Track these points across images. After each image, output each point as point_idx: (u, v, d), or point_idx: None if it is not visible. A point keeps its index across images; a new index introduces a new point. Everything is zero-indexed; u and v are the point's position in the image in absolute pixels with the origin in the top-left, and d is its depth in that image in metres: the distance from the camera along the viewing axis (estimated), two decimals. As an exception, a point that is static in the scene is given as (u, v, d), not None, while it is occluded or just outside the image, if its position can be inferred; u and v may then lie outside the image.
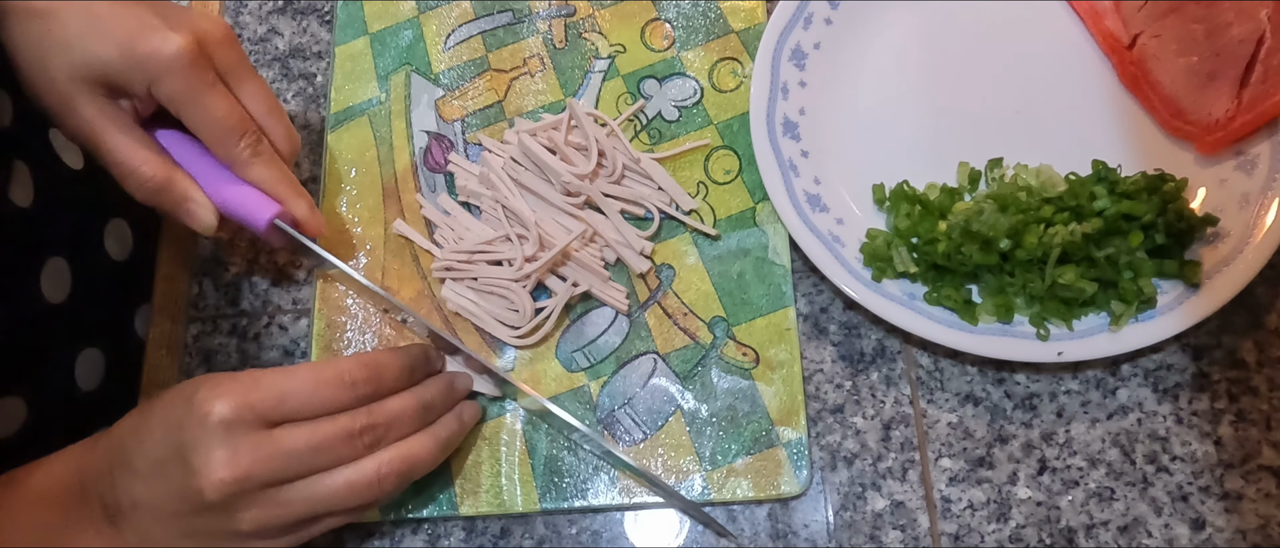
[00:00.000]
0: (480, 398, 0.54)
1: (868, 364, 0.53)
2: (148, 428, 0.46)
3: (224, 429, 0.44)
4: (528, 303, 0.55)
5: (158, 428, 0.46)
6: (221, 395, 0.45)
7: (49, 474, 0.48)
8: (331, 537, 0.53)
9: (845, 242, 0.54)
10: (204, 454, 0.44)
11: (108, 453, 0.47)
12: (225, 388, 0.45)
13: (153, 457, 0.45)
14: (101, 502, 0.46)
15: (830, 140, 0.57)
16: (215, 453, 0.44)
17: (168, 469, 0.45)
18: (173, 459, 0.45)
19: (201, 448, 0.44)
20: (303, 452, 0.45)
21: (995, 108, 0.56)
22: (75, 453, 0.48)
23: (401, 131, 0.62)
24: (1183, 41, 0.54)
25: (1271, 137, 0.52)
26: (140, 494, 0.46)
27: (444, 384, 0.51)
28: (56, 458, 0.49)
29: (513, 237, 0.56)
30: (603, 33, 0.63)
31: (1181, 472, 0.49)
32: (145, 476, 0.45)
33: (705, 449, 0.52)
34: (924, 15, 0.59)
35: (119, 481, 0.46)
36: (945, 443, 0.51)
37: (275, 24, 0.67)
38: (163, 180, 0.52)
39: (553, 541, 0.52)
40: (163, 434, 0.45)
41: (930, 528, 0.50)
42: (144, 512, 0.46)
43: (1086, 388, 0.51)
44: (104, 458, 0.47)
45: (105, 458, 0.47)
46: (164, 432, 0.45)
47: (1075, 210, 0.50)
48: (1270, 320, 0.52)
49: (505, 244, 0.56)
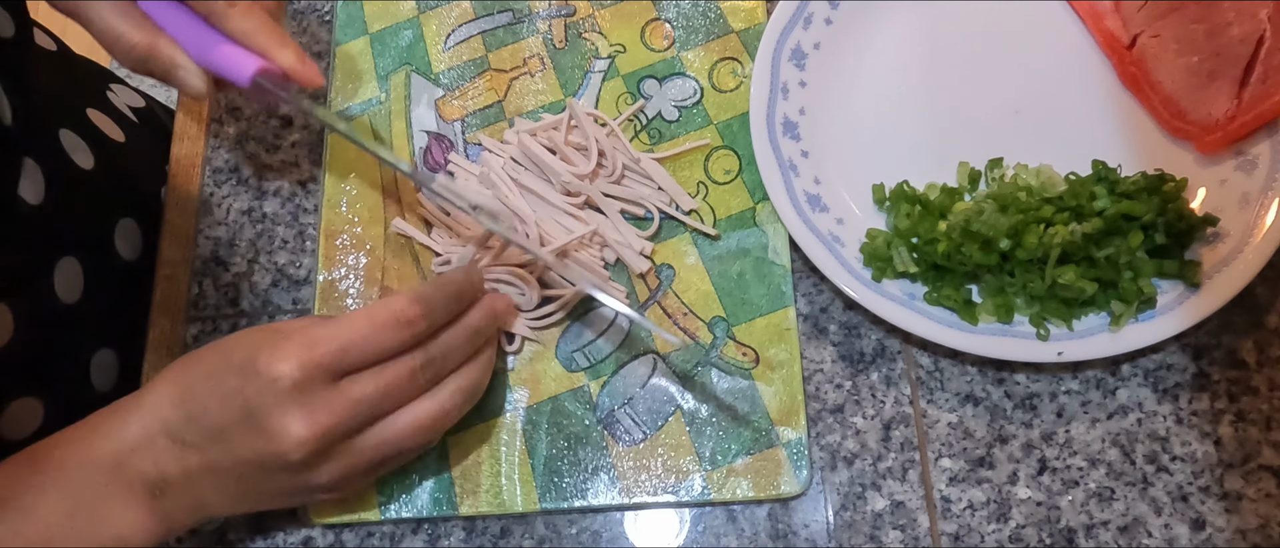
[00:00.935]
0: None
1: (868, 364, 0.53)
2: (195, 398, 0.46)
3: (295, 390, 0.44)
4: (534, 287, 0.54)
5: (210, 397, 0.45)
6: (286, 357, 0.44)
7: (76, 452, 0.47)
8: (332, 537, 0.53)
9: (845, 242, 0.54)
10: (280, 418, 0.44)
11: (144, 428, 0.46)
12: (285, 349, 0.45)
13: (212, 425, 0.45)
14: (141, 477, 0.46)
15: (830, 140, 0.57)
16: (291, 415, 0.44)
17: (234, 436, 0.45)
18: (240, 426, 0.44)
19: (276, 412, 0.44)
20: (373, 399, 0.46)
21: (995, 108, 0.56)
22: (100, 428, 0.47)
23: (401, 132, 0.62)
24: (1183, 41, 0.54)
25: (1271, 137, 0.52)
26: (195, 463, 0.45)
27: (487, 309, 0.51)
28: (78, 435, 0.47)
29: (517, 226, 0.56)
30: (603, 33, 0.63)
31: (1181, 472, 0.49)
32: (202, 445, 0.45)
33: (705, 449, 0.52)
34: (924, 15, 0.59)
35: (164, 453, 0.45)
36: (945, 443, 0.51)
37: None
38: (147, 48, 0.51)
39: (553, 541, 0.52)
40: (220, 402, 0.45)
41: (930, 528, 0.50)
42: (200, 480, 0.45)
43: (1086, 388, 0.51)
44: (141, 433, 0.46)
45: (142, 433, 0.46)
46: (221, 400, 0.45)
47: (1075, 210, 0.50)
48: (1270, 320, 0.52)
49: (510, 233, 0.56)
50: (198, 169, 0.63)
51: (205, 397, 0.46)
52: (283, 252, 0.60)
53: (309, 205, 0.61)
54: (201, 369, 0.47)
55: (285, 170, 0.62)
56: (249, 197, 0.62)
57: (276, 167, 0.63)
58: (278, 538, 0.53)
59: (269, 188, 0.62)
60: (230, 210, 0.62)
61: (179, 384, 0.47)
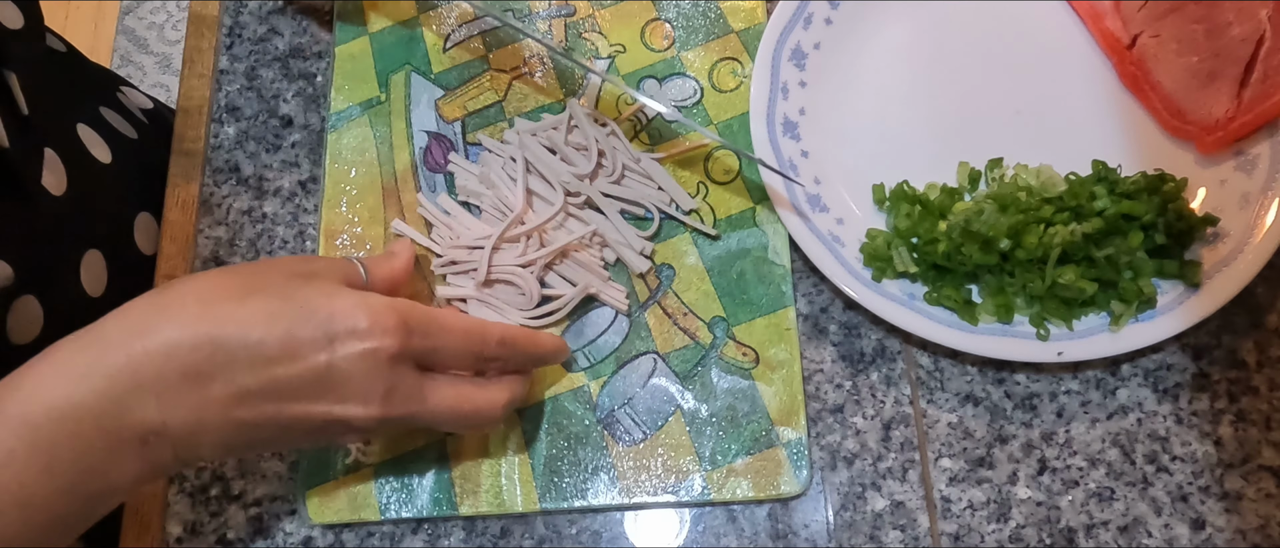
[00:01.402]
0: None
1: (868, 364, 0.53)
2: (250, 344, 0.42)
3: (390, 367, 0.44)
4: (535, 286, 0.54)
5: (274, 344, 0.43)
6: (388, 331, 0.44)
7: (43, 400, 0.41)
8: (332, 537, 0.53)
9: (845, 242, 0.54)
10: (365, 386, 0.44)
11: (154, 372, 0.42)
12: (388, 322, 0.44)
13: (272, 379, 0.43)
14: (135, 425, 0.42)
15: (830, 140, 0.57)
16: (376, 388, 0.44)
17: (300, 393, 0.43)
18: (314, 384, 0.43)
19: (364, 380, 0.44)
20: (442, 413, 0.46)
21: (995, 108, 0.56)
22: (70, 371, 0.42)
23: (401, 131, 0.62)
24: (1183, 41, 0.54)
25: (1271, 137, 0.52)
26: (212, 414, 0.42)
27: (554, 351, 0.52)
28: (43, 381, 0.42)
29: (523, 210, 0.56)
30: (603, 33, 0.63)
31: (1181, 472, 0.49)
32: (241, 396, 0.42)
33: (705, 449, 0.52)
34: (924, 15, 0.59)
35: (174, 400, 0.42)
36: (945, 443, 0.51)
37: (275, 24, 0.67)
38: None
39: (553, 541, 0.52)
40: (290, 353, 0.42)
41: (930, 528, 0.50)
42: (210, 429, 0.43)
43: (1086, 388, 0.51)
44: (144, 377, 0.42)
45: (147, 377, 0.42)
46: (292, 350, 0.43)
47: (1075, 210, 0.50)
48: (1270, 320, 0.52)
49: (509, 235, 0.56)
50: (198, 169, 0.63)
51: (264, 341, 0.42)
52: (283, 252, 0.60)
53: (309, 205, 0.61)
54: (256, 310, 0.43)
55: (285, 170, 0.62)
56: (249, 197, 0.62)
57: (276, 167, 0.63)
58: (278, 538, 0.53)
59: (269, 188, 0.62)
60: (230, 210, 0.62)
61: (216, 323, 0.42)
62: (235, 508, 0.54)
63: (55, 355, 0.42)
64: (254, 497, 0.54)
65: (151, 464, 0.43)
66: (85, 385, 0.41)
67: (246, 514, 0.54)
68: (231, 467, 0.55)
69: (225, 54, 0.66)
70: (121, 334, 0.42)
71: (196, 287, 0.44)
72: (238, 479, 0.55)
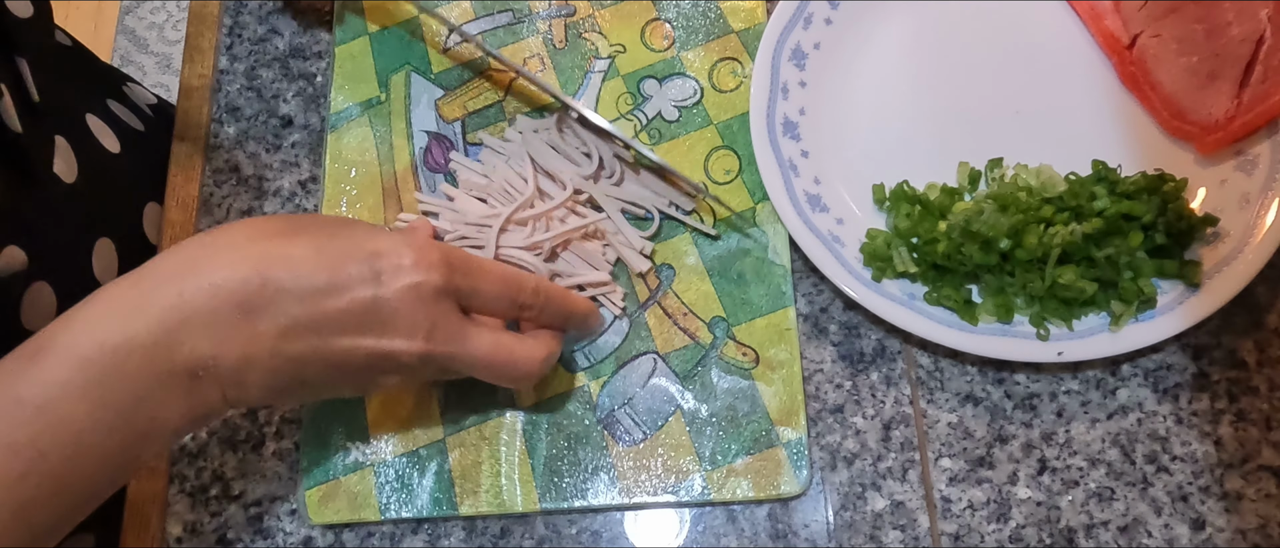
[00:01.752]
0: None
1: (868, 364, 0.53)
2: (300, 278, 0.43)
3: (433, 302, 0.44)
4: (542, 270, 0.54)
5: (320, 280, 0.43)
6: (433, 266, 0.44)
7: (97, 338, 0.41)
8: (332, 537, 0.53)
9: (845, 242, 0.54)
10: (410, 321, 0.44)
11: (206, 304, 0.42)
12: (432, 257, 0.45)
13: (318, 312, 0.43)
14: (186, 360, 0.42)
15: (830, 140, 0.57)
16: (420, 323, 0.44)
17: (347, 328, 0.43)
18: (360, 319, 0.43)
19: (409, 314, 0.44)
20: (481, 357, 0.47)
21: (995, 108, 0.56)
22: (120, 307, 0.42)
23: (401, 131, 0.62)
24: (1183, 41, 0.54)
25: (1271, 137, 0.52)
26: (262, 349, 0.43)
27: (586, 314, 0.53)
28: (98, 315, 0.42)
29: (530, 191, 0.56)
30: (603, 33, 0.63)
31: (1181, 472, 0.49)
32: (289, 330, 0.43)
33: (705, 449, 0.52)
34: (924, 15, 0.59)
35: (225, 334, 0.42)
36: (945, 443, 0.51)
37: (275, 24, 0.67)
38: None
39: (553, 541, 0.52)
40: (337, 288, 0.43)
41: (930, 528, 0.50)
42: (257, 366, 0.43)
43: (1086, 388, 0.51)
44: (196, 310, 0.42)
45: (199, 310, 0.42)
46: (339, 286, 0.43)
47: (1075, 210, 0.50)
48: (1270, 320, 0.52)
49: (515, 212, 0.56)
50: (198, 168, 0.63)
51: (313, 276, 0.43)
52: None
53: (309, 205, 0.61)
54: (304, 248, 0.43)
55: (285, 170, 0.62)
56: (249, 197, 0.62)
57: (276, 166, 0.63)
58: (278, 538, 0.53)
59: (269, 188, 0.62)
60: (230, 210, 0.62)
61: (265, 260, 0.43)
62: (235, 508, 0.54)
63: (107, 293, 0.43)
64: (254, 497, 0.54)
65: (200, 403, 0.43)
66: (136, 321, 0.41)
67: (246, 514, 0.54)
68: (231, 467, 0.55)
69: (225, 54, 0.66)
70: (172, 271, 0.43)
71: (244, 227, 0.45)
72: (238, 479, 0.55)
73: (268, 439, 0.55)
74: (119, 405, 0.41)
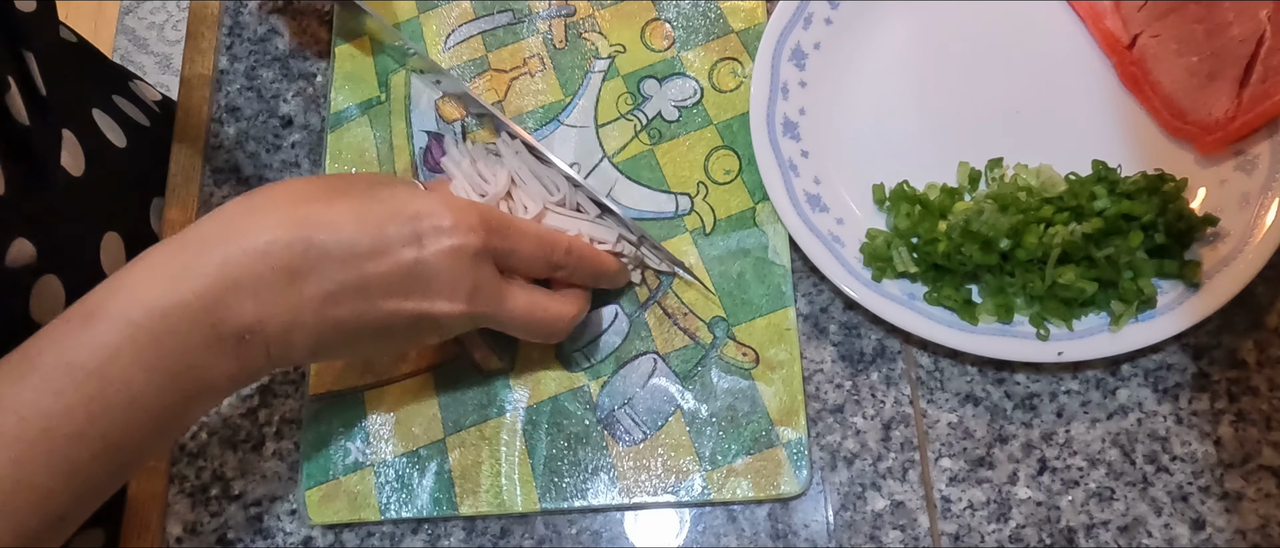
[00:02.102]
0: None
1: (868, 364, 0.53)
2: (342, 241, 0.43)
3: (474, 263, 0.45)
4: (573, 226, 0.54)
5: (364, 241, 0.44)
6: (472, 228, 0.45)
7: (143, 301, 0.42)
8: (332, 537, 0.53)
9: (845, 242, 0.54)
10: (451, 282, 0.45)
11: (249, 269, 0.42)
12: (471, 219, 0.46)
13: (362, 275, 0.44)
14: (233, 323, 0.42)
15: (830, 140, 0.57)
16: (462, 285, 0.45)
17: (391, 289, 0.44)
18: (403, 280, 0.44)
19: (451, 276, 0.45)
20: (518, 316, 0.48)
21: (995, 108, 0.56)
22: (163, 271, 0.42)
23: (401, 132, 0.62)
24: (1183, 41, 0.54)
25: (1271, 137, 0.52)
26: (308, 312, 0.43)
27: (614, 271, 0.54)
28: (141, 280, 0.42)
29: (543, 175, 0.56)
30: (603, 33, 0.63)
31: (1181, 472, 0.49)
32: (333, 293, 0.44)
33: (705, 449, 0.52)
34: (924, 15, 0.59)
35: (271, 298, 0.43)
36: (945, 443, 0.51)
37: (275, 24, 0.67)
38: None
39: (553, 541, 0.52)
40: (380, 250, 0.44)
41: (930, 528, 0.50)
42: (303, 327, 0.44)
43: (1086, 388, 0.51)
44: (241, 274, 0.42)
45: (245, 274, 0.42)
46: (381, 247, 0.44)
47: (1075, 210, 0.50)
48: (1270, 320, 0.52)
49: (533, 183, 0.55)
50: (198, 168, 0.63)
51: (355, 240, 0.44)
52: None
53: (309, 205, 0.61)
54: (345, 211, 0.44)
55: (285, 170, 0.62)
56: (249, 197, 0.62)
57: (276, 167, 0.63)
58: (278, 538, 0.53)
59: (269, 188, 0.62)
60: (230, 210, 0.62)
61: (307, 224, 0.44)
62: (235, 508, 0.54)
63: (150, 259, 0.43)
64: (254, 497, 0.54)
65: (247, 364, 0.44)
66: (183, 285, 0.42)
67: (246, 514, 0.54)
68: (231, 467, 0.55)
69: (225, 54, 0.66)
70: (215, 236, 0.44)
71: (284, 190, 0.46)
72: (238, 479, 0.55)
73: (268, 439, 0.55)
74: (170, 369, 0.42)
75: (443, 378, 0.55)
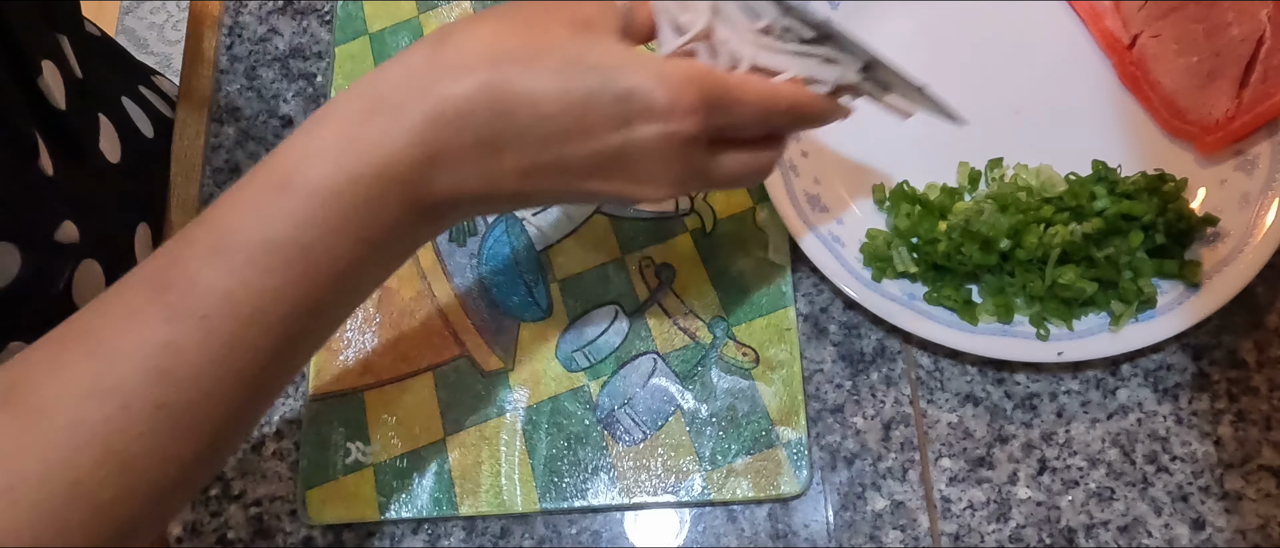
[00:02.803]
0: None
1: (868, 364, 0.53)
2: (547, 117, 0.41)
3: (685, 150, 0.41)
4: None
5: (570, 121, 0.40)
6: (688, 112, 0.40)
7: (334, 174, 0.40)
8: (332, 537, 0.53)
9: (845, 242, 0.54)
10: (658, 170, 0.42)
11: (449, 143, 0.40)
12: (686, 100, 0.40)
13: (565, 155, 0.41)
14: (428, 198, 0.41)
15: (830, 140, 0.57)
16: (670, 173, 0.42)
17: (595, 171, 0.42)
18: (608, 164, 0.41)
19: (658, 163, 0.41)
20: (723, 184, 0.45)
21: (995, 108, 0.56)
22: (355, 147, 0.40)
23: (401, 131, 0.62)
24: (1183, 41, 0.54)
25: (1271, 137, 0.52)
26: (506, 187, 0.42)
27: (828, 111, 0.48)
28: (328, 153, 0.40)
29: None
30: (603, 33, 0.63)
31: (1181, 472, 0.49)
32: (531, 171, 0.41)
33: (705, 449, 0.52)
34: (923, 15, 0.59)
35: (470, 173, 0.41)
36: (945, 443, 0.51)
37: (275, 24, 0.67)
38: None
39: (553, 541, 0.52)
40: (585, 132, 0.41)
41: (930, 528, 0.50)
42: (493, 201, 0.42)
43: (1086, 388, 0.51)
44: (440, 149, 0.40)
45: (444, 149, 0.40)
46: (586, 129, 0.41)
47: (1075, 210, 0.50)
48: (1270, 320, 0.52)
49: None
50: (198, 169, 0.63)
51: (558, 120, 0.41)
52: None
53: (309, 205, 0.61)
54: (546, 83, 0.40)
55: (285, 170, 0.62)
56: (249, 197, 0.62)
57: (276, 167, 0.63)
58: (278, 538, 0.53)
59: (269, 188, 0.62)
60: (230, 210, 0.62)
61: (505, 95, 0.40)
62: (235, 508, 0.54)
63: (337, 125, 0.40)
64: (254, 497, 0.54)
65: (445, 226, 0.44)
66: (383, 152, 0.40)
67: (246, 514, 0.54)
68: (231, 467, 0.55)
69: (225, 54, 0.66)
70: (409, 96, 0.41)
71: (479, 42, 0.41)
72: (238, 479, 0.55)
73: (268, 439, 0.55)
74: (375, 240, 0.41)
75: (443, 378, 0.55)
